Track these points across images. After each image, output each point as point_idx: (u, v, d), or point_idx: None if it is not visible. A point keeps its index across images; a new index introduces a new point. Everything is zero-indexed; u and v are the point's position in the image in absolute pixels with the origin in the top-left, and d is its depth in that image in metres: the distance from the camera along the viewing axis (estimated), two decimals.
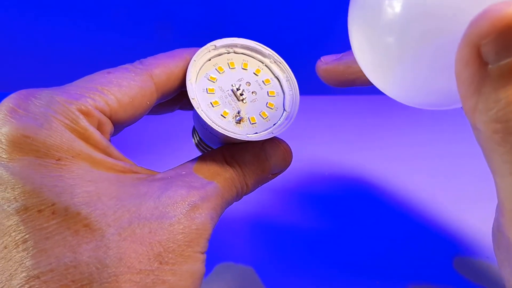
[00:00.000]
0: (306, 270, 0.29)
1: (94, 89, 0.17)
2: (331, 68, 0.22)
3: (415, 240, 0.31)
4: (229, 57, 0.21)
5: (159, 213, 0.16)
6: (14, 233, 0.15)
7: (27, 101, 0.16)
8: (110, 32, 0.48)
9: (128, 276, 0.15)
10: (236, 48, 0.21)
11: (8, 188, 0.15)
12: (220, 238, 0.19)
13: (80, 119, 0.17)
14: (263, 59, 0.21)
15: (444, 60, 0.13)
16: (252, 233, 0.32)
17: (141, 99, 0.19)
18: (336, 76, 0.22)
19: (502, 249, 0.16)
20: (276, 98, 0.21)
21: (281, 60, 0.21)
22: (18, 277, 0.14)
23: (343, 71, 0.21)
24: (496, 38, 0.11)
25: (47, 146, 0.16)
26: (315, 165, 0.39)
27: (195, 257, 0.16)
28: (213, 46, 0.20)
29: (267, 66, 0.21)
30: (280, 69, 0.21)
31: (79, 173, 0.16)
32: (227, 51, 0.21)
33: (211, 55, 0.20)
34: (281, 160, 0.21)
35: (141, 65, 0.19)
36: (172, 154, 0.32)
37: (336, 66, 0.22)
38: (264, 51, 0.21)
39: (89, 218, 0.15)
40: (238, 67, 0.21)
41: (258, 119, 0.20)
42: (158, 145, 0.41)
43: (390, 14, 0.14)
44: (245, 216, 0.33)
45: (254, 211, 0.33)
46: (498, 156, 0.12)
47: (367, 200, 0.35)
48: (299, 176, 0.37)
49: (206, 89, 0.20)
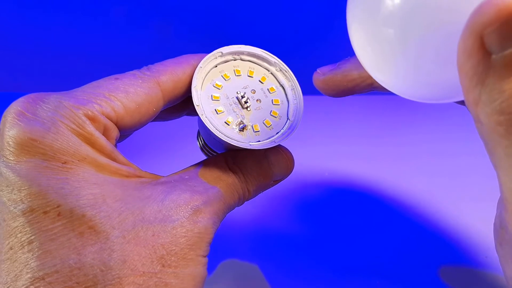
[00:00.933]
0: (306, 270, 0.29)
1: (101, 95, 0.18)
2: (329, 79, 0.21)
3: (415, 240, 0.32)
4: (235, 64, 0.21)
5: (162, 216, 0.16)
6: (20, 234, 0.15)
7: (35, 105, 0.17)
8: (113, 33, 0.48)
9: (132, 279, 0.15)
10: (243, 56, 0.21)
11: (15, 190, 0.15)
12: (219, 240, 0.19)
13: (86, 124, 0.17)
14: (269, 67, 0.21)
15: (447, 51, 0.13)
16: (252, 233, 0.32)
17: (147, 106, 0.19)
18: (334, 86, 0.21)
19: (504, 245, 0.16)
20: (280, 106, 0.21)
21: (287, 68, 0.21)
22: (23, 278, 0.14)
23: (341, 79, 0.21)
24: (500, 27, 0.10)
25: (53, 149, 0.16)
26: (314, 166, 0.39)
27: (197, 260, 0.17)
28: (220, 53, 0.20)
29: (272, 74, 0.21)
30: (286, 78, 0.21)
31: (85, 176, 0.16)
32: (233, 58, 0.21)
33: (217, 62, 0.20)
34: (283, 168, 0.21)
35: (148, 72, 0.19)
36: (176, 158, 0.32)
37: (333, 76, 0.21)
38: (271, 59, 0.21)
39: (94, 220, 0.15)
40: (244, 74, 0.21)
41: (262, 128, 0.20)
42: (162, 149, 0.41)
43: (389, 6, 0.14)
44: (244, 216, 0.33)
45: (253, 211, 0.34)
46: (501, 149, 0.12)
47: (367, 200, 0.35)
48: (299, 176, 0.37)
49: (212, 96, 0.20)
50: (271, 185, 0.21)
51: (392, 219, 0.34)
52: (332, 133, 0.44)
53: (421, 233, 0.32)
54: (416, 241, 0.32)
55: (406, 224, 0.33)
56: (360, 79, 0.20)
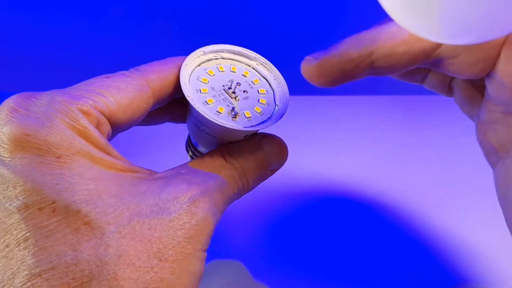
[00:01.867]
0: (305, 271, 0.29)
1: (94, 91, 0.18)
2: (325, 62, 0.19)
3: (415, 240, 0.31)
4: (217, 62, 0.22)
5: (159, 209, 0.16)
6: (15, 231, 0.15)
7: (28, 101, 0.17)
8: (113, 34, 0.48)
9: (127, 273, 0.15)
10: (223, 54, 0.22)
11: (10, 187, 0.15)
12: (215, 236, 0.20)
13: (80, 117, 0.17)
14: (249, 62, 0.22)
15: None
16: (251, 233, 0.32)
17: (139, 102, 0.19)
18: (330, 70, 0.19)
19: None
20: (266, 95, 0.21)
21: (266, 61, 0.22)
22: (20, 275, 0.14)
23: (339, 61, 0.19)
24: None
25: (48, 143, 0.16)
26: (314, 166, 0.39)
27: (195, 255, 0.16)
28: (202, 52, 0.21)
29: (254, 68, 0.22)
30: (267, 70, 0.22)
31: (79, 170, 0.16)
32: (215, 56, 0.22)
33: (201, 61, 0.21)
34: (278, 155, 0.21)
35: (136, 71, 0.19)
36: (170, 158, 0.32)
37: (330, 58, 0.19)
38: (250, 55, 0.22)
39: (89, 216, 0.15)
40: (227, 70, 0.22)
41: (253, 114, 0.20)
42: (155, 149, 0.41)
43: None
44: (242, 215, 0.33)
45: (252, 211, 0.33)
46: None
47: (367, 200, 0.35)
48: (295, 176, 0.37)
49: (200, 90, 0.20)
50: (268, 174, 0.21)
51: (391, 219, 0.33)
52: (332, 133, 0.44)
53: (421, 233, 0.32)
54: (416, 241, 0.31)
55: (406, 225, 0.33)
56: (359, 59, 0.19)
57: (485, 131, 0.20)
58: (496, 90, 0.19)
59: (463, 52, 0.18)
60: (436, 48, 0.18)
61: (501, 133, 0.19)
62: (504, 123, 0.19)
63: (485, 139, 0.20)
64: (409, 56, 0.18)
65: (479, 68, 0.18)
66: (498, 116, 0.19)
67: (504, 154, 0.19)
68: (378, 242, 0.31)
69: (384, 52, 0.18)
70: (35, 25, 0.47)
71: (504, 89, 0.18)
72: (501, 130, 0.19)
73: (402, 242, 0.31)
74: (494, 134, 0.20)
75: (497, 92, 0.19)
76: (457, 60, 0.18)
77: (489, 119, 0.20)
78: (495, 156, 0.20)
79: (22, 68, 0.51)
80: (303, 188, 0.36)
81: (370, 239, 0.32)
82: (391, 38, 0.18)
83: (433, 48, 0.18)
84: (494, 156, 0.20)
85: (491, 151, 0.20)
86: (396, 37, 0.18)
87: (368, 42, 0.19)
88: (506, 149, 0.19)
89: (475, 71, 0.19)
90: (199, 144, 0.23)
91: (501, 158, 0.19)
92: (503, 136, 0.19)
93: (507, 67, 0.18)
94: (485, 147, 0.21)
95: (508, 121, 0.19)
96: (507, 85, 0.18)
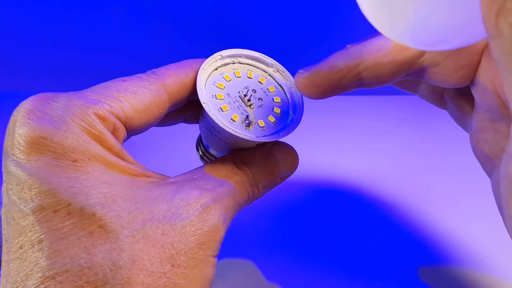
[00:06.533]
0: (306, 271, 0.29)
1: (111, 95, 0.18)
2: (314, 74, 0.20)
3: (415, 240, 0.31)
4: (234, 67, 0.22)
5: (172, 215, 0.16)
6: (30, 233, 0.15)
7: (45, 103, 0.17)
8: (114, 34, 0.48)
9: (141, 278, 0.15)
10: (241, 58, 0.22)
11: (25, 188, 0.15)
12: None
13: (96, 123, 0.17)
14: (266, 69, 0.22)
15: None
16: (250, 233, 0.32)
17: (154, 107, 0.19)
18: (319, 81, 0.20)
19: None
20: (281, 104, 0.21)
21: (283, 69, 0.22)
22: (34, 277, 0.14)
23: (327, 72, 0.20)
24: None
25: (63, 147, 0.16)
26: (314, 166, 0.39)
27: (207, 261, 0.17)
28: (220, 56, 0.21)
29: (270, 75, 0.22)
30: (283, 78, 0.22)
31: (94, 174, 0.16)
32: (232, 61, 0.22)
33: (218, 65, 0.21)
34: (289, 163, 0.21)
35: (154, 75, 0.20)
36: (182, 162, 0.32)
37: (319, 69, 0.20)
38: (267, 61, 0.22)
39: (104, 219, 0.15)
40: (244, 76, 0.22)
41: (266, 123, 0.21)
42: (167, 153, 0.41)
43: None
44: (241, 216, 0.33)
45: (252, 211, 0.33)
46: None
47: (367, 201, 0.35)
48: (299, 176, 0.37)
49: (215, 95, 0.20)
50: (278, 182, 0.21)
51: (391, 218, 0.34)
52: (333, 133, 0.44)
53: (421, 233, 0.32)
54: (416, 241, 0.31)
55: (406, 224, 0.33)
56: (346, 69, 0.19)
57: (477, 141, 0.20)
58: (481, 96, 0.19)
59: (444, 60, 0.18)
60: (419, 57, 0.19)
61: (491, 141, 0.19)
62: (493, 131, 0.19)
63: (478, 148, 0.20)
64: (394, 65, 0.19)
65: (461, 75, 0.19)
66: (487, 124, 0.19)
67: (498, 162, 0.19)
68: (378, 242, 0.31)
69: (371, 63, 0.19)
70: (36, 25, 0.47)
71: (487, 95, 0.18)
72: (491, 138, 0.19)
73: (402, 241, 0.31)
74: (485, 143, 0.20)
75: (482, 98, 0.19)
76: (439, 68, 0.19)
77: (479, 128, 0.20)
78: (490, 165, 0.20)
79: (22, 68, 0.51)
80: (302, 188, 0.36)
81: (371, 239, 0.32)
82: (377, 50, 0.19)
83: (416, 57, 0.19)
84: (489, 165, 0.20)
85: (485, 160, 0.20)
86: (381, 48, 0.19)
87: (355, 54, 0.19)
88: (499, 157, 0.19)
89: (458, 78, 0.19)
90: (210, 147, 0.23)
91: (496, 166, 0.19)
92: (494, 144, 0.19)
93: (487, 72, 0.18)
94: (479, 156, 0.21)
95: (497, 128, 0.19)
96: (489, 90, 0.18)
